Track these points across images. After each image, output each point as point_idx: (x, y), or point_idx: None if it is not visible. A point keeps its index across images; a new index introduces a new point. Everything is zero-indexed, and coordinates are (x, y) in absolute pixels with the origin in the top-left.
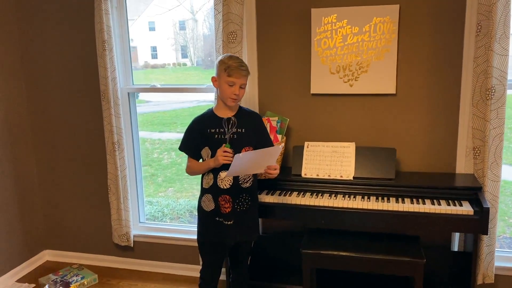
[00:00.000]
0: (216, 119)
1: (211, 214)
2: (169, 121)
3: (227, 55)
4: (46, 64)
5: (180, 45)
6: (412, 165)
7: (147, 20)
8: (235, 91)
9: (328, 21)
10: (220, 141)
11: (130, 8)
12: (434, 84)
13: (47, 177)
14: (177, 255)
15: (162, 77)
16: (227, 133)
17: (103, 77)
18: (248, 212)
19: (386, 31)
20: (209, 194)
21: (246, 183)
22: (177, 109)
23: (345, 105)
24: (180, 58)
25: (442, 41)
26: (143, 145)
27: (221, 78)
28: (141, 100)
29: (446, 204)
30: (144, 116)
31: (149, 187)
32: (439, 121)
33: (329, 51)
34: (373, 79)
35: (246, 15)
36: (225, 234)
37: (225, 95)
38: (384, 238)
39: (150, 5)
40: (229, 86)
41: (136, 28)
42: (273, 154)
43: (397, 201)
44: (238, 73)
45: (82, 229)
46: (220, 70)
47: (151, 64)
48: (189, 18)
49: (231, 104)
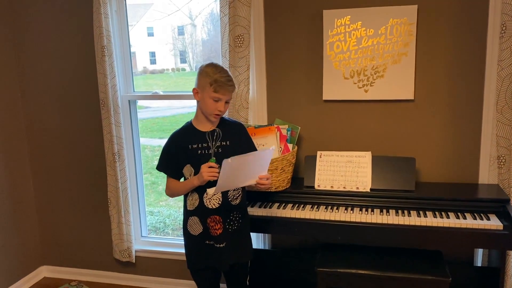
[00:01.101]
0: (197, 134)
1: (200, 238)
2: (168, 127)
3: (211, 65)
4: (43, 71)
5: (179, 50)
6: (432, 175)
7: (145, 25)
8: (219, 107)
9: (341, 23)
10: (204, 156)
11: (129, 13)
12: (455, 89)
13: (44, 189)
14: (181, 271)
15: (161, 83)
16: (212, 147)
17: (102, 85)
18: (240, 231)
19: (404, 33)
20: (195, 217)
21: (235, 199)
22: (177, 114)
23: (360, 112)
24: (179, 63)
25: (463, 43)
26: (143, 152)
27: (205, 92)
28: (140, 106)
29: (472, 218)
30: (144, 122)
31: (149, 195)
32: (460, 128)
33: (343, 55)
34: (389, 84)
35: (253, 17)
36: (218, 258)
37: (208, 110)
38: (404, 253)
39: (149, 10)
40: (213, 102)
41: (135, 34)
42: (265, 159)
43: (418, 214)
44: (225, 89)
45: (81, 244)
46: (204, 83)
47: (150, 70)
48: (187, 23)
49: (214, 120)
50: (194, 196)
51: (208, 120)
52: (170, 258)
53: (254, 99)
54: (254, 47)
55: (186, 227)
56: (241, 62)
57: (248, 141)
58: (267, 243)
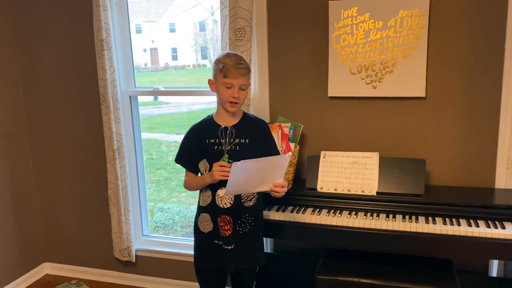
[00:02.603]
0: (215, 128)
1: (209, 236)
2: (186, 123)
3: (224, 52)
4: (44, 65)
5: (200, 46)
6: (443, 178)
7: (167, 21)
8: (233, 93)
9: (348, 15)
10: (219, 153)
11: (151, 10)
12: (470, 86)
13: (46, 186)
14: (182, 272)
15: (182, 79)
16: (225, 145)
17: (102, 80)
18: (251, 234)
19: (415, 25)
20: (206, 214)
21: (249, 201)
22: (195, 110)
23: (368, 109)
24: (200, 59)
25: (480, 37)
26: (159, 148)
27: (217, 80)
28: (160, 102)
29: (485, 226)
30: (162, 118)
31: (162, 191)
32: (475, 128)
33: (349, 48)
34: (399, 80)
35: (256, 9)
36: (225, 261)
37: (223, 99)
38: (412, 262)
39: (170, 6)
40: (226, 89)
41: (156, 30)
42: (280, 165)
43: (427, 221)
44: (235, 72)
45: (82, 241)
46: (216, 71)
47: (172, 66)
48: (208, 18)
49: (231, 110)
50: (208, 193)
51: (227, 113)
52: (172, 258)
53: (255, 96)
54: (256, 40)
55: (197, 223)
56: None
57: (270, 141)
58: (269, 246)
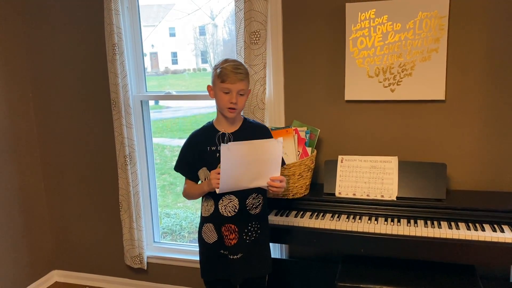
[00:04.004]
0: (217, 135)
1: (214, 247)
2: (189, 127)
3: (222, 59)
4: (54, 70)
5: (200, 51)
6: (465, 182)
7: (167, 26)
8: (231, 99)
9: (366, 17)
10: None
11: (151, 14)
12: (490, 89)
13: (55, 192)
14: (194, 279)
15: (182, 83)
16: None
17: (113, 84)
18: (258, 243)
19: (434, 27)
20: (210, 224)
21: (255, 208)
22: (197, 114)
23: (386, 113)
24: (200, 64)
25: (501, 39)
26: (162, 152)
27: (215, 86)
28: (161, 106)
29: (511, 231)
30: (164, 122)
31: (167, 197)
32: (496, 131)
33: (367, 51)
34: (418, 83)
35: (270, 12)
36: (232, 271)
37: (221, 105)
38: (433, 267)
39: (170, 11)
40: (224, 94)
41: (157, 34)
42: (274, 153)
43: (450, 226)
44: (233, 77)
45: (93, 249)
46: (214, 76)
47: (172, 70)
48: (208, 23)
49: (230, 116)
50: (210, 202)
51: (226, 119)
52: (184, 265)
53: (270, 100)
54: (271, 44)
55: (201, 234)
56: (257, 60)
57: None
58: (284, 252)
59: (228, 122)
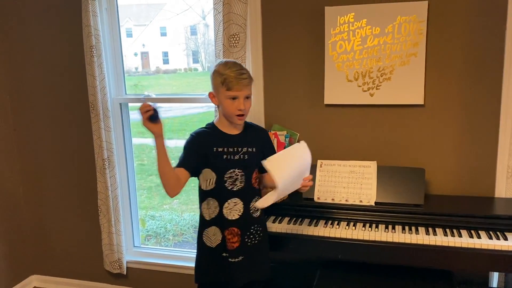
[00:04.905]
0: (224, 137)
1: (216, 250)
2: (178, 127)
3: (221, 62)
4: (31, 72)
5: (191, 50)
6: (443, 187)
7: (158, 25)
8: (239, 106)
9: (345, 21)
10: (229, 162)
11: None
12: (469, 94)
13: (34, 197)
14: (175, 284)
15: (174, 83)
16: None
17: (91, 87)
18: (260, 246)
19: (413, 32)
20: (213, 227)
21: (257, 211)
22: (187, 115)
23: (365, 117)
24: (191, 63)
25: (479, 44)
26: (150, 154)
27: (220, 93)
28: None
29: (487, 237)
30: None
31: (153, 199)
32: (475, 136)
33: (346, 55)
34: (397, 87)
35: (250, 15)
36: (231, 274)
37: (229, 112)
38: (411, 273)
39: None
40: (231, 101)
41: (147, 34)
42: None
43: (427, 232)
44: (239, 84)
45: (72, 253)
46: (217, 84)
47: (163, 70)
48: (199, 22)
49: (239, 122)
50: (213, 204)
51: (231, 124)
52: (165, 270)
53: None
54: (250, 47)
55: (202, 237)
56: None
57: (272, 150)
58: None
59: (232, 124)
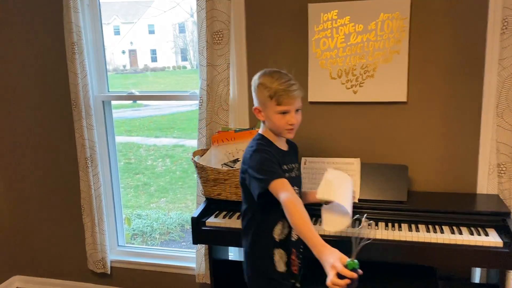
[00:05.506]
0: (280, 153)
1: (284, 276)
2: (166, 125)
3: (265, 74)
4: (12, 70)
5: (180, 48)
6: (426, 184)
7: (146, 23)
8: (291, 120)
9: (328, 18)
10: (290, 180)
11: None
12: (451, 91)
13: (16, 196)
14: (160, 283)
15: (162, 81)
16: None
17: (73, 84)
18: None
19: (395, 29)
20: (281, 249)
21: None
22: (175, 113)
23: (348, 114)
24: (180, 61)
25: (461, 41)
26: (137, 152)
27: (268, 109)
28: (139, 104)
29: (469, 233)
30: (141, 121)
31: (140, 197)
32: (457, 133)
33: (330, 52)
34: (380, 84)
35: (233, 12)
36: None
37: (278, 128)
38: (394, 269)
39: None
40: (281, 116)
41: (135, 31)
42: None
43: (410, 228)
44: (290, 97)
45: (55, 253)
46: (264, 98)
47: (151, 67)
48: (187, 19)
49: (290, 137)
50: (285, 224)
51: (280, 139)
52: (149, 269)
53: (235, 101)
54: (234, 44)
55: (272, 260)
56: (220, 60)
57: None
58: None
59: (280, 139)
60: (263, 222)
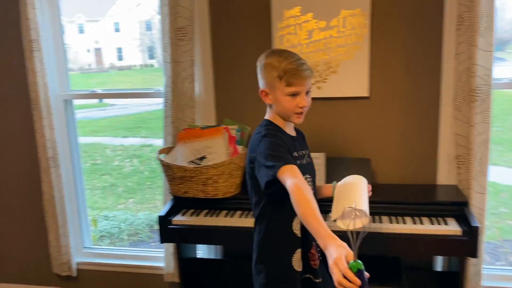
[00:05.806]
0: (292, 139)
1: (301, 273)
2: (133, 125)
3: (273, 53)
4: None
5: (146, 46)
6: (388, 176)
7: (112, 21)
8: (301, 102)
9: (291, 14)
10: (302, 168)
11: (94, 8)
12: (411, 85)
13: None
14: (129, 284)
15: (129, 79)
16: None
17: (32, 83)
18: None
19: (357, 25)
20: (299, 248)
21: None
22: (143, 112)
23: (313, 110)
24: (147, 59)
25: (419, 37)
26: (104, 152)
27: (276, 90)
28: (105, 104)
29: (429, 223)
30: (108, 121)
31: (107, 198)
32: (417, 126)
33: (293, 49)
34: (343, 80)
35: (197, 8)
36: None
37: (287, 111)
38: (359, 260)
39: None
40: (291, 98)
41: (100, 29)
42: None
43: (373, 220)
44: (301, 77)
45: (17, 257)
46: (272, 79)
47: (117, 66)
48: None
49: (299, 122)
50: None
51: (288, 124)
52: (118, 270)
53: (200, 97)
54: (199, 40)
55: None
56: (185, 57)
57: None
58: (218, 251)
59: (289, 124)
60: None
